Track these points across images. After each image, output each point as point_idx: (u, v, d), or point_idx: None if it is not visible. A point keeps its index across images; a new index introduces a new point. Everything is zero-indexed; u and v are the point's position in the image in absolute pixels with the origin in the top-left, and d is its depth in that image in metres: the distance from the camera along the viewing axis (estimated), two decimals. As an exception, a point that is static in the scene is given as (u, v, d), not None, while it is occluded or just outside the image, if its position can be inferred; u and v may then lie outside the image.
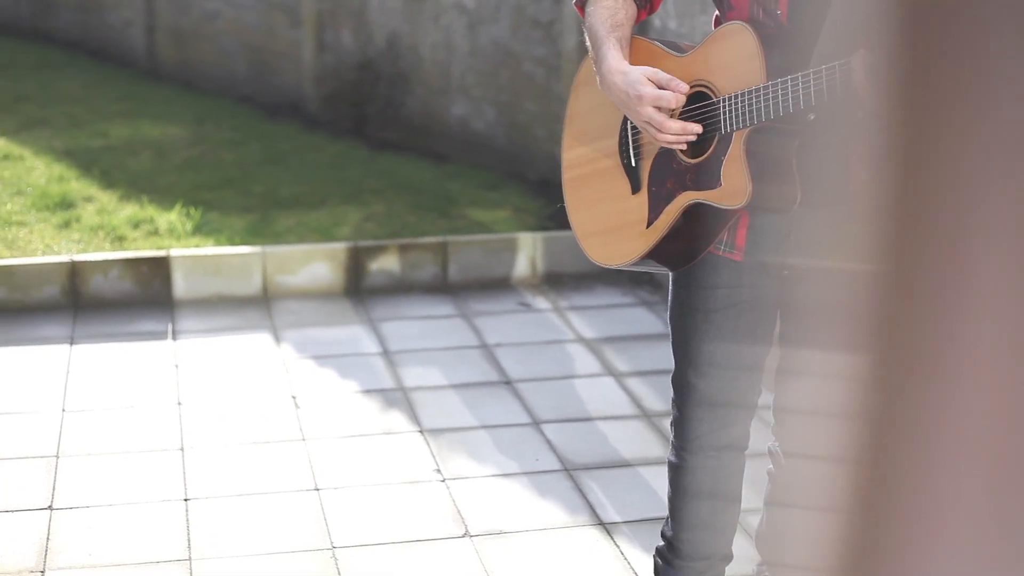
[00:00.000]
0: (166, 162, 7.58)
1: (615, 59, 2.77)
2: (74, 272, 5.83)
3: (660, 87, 2.71)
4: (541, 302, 5.95)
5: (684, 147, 2.75)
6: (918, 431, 0.80)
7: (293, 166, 7.52)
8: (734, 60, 2.67)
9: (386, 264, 6.05)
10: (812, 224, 2.72)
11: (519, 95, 7.44)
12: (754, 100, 2.60)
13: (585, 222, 3.04)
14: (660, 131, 2.71)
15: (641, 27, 6.35)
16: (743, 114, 2.62)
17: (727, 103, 2.66)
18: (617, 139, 2.96)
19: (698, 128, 2.70)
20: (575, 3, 2.96)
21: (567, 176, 3.10)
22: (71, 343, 5.44)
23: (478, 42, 7.74)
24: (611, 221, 2.97)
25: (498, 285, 6.12)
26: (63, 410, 4.81)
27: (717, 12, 2.85)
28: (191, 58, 10.44)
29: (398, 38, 8.35)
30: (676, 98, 2.69)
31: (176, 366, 5.22)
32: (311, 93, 9.02)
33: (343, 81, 8.70)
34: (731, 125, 2.65)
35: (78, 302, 5.82)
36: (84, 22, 12.01)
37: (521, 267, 6.16)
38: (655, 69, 2.74)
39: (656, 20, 6.36)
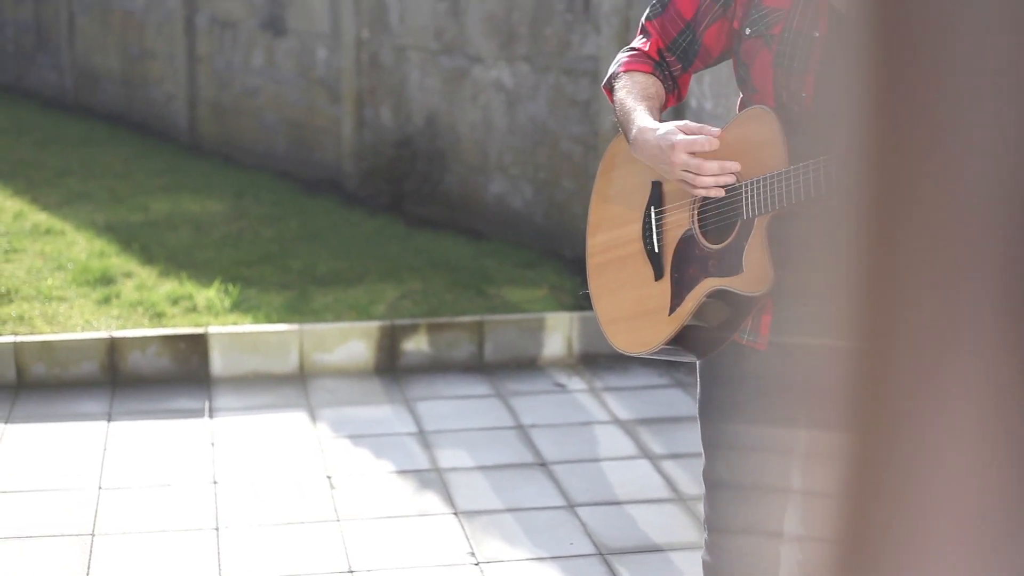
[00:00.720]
0: (205, 237, 7.65)
1: (645, 120, 2.78)
2: (113, 348, 5.87)
3: (691, 133, 2.72)
4: (576, 382, 5.94)
5: (722, 193, 2.73)
6: (900, 505, 0.80)
7: (331, 242, 7.57)
8: (756, 145, 2.68)
9: (422, 343, 6.07)
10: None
11: (557, 173, 7.48)
12: (775, 185, 2.60)
13: (608, 309, 3.04)
14: (698, 174, 2.69)
15: (677, 108, 6.38)
16: (765, 199, 2.62)
17: (749, 188, 2.66)
18: (640, 225, 2.96)
19: (736, 166, 2.68)
20: (603, 85, 2.98)
21: (591, 262, 3.11)
22: (109, 419, 5.47)
23: (516, 120, 7.79)
24: (634, 308, 2.96)
25: (533, 365, 6.13)
26: (99, 487, 4.83)
27: (742, 95, 2.87)
28: (232, 133, 10.55)
29: (437, 116, 8.42)
30: (710, 141, 2.68)
31: (212, 444, 5.24)
32: (350, 169, 9.09)
33: (382, 158, 8.76)
34: (753, 210, 2.65)
35: (116, 378, 5.86)
36: (127, 96, 12.17)
37: (556, 347, 6.17)
38: (685, 120, 2.76)
39: (692, 100, 6.39)
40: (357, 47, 9.00)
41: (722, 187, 2.71)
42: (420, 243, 7.62)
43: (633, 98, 2.85)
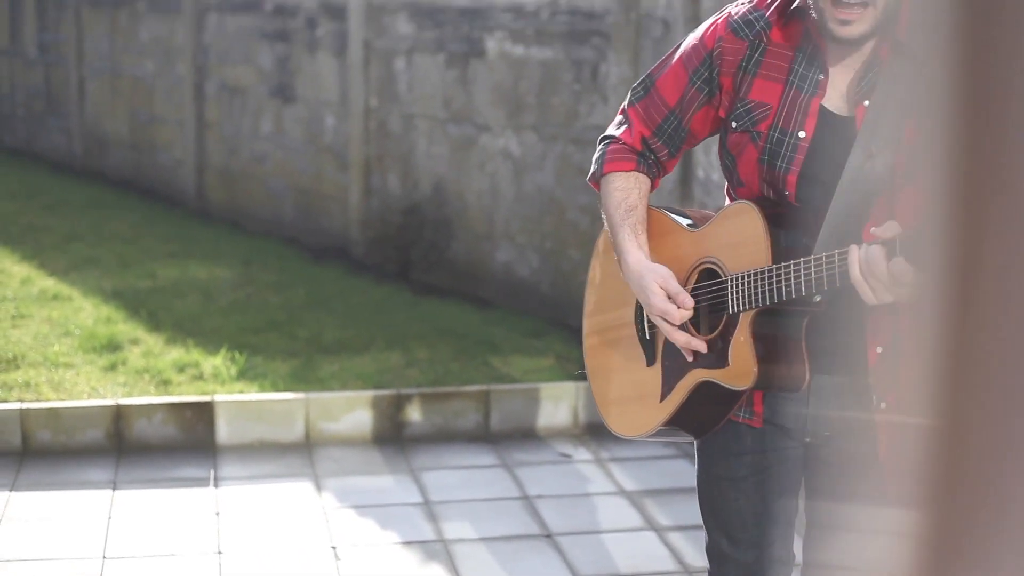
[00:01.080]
0: (213, 304, 7.66)
1: (632, 253, 2.83)
2: (119, 416, 5.86)
3: (669, 295, 2.74)
4: (582, 452, 5.93)
5: (690, 356, 2.79)
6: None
7: (338, 310, 7.58)
8: (741, 240, 2.70)
9: (428, 412, 6.06)
10: (831, 389, 2.72)
11: (564, 242, 7.50)
12: (759, 283, 2.62)
13: (604, 390, 3.06)
14: (668, 335, 2.78)
15: (684, 175, 6.41)
16: (749, 296, 2.64)
17: (734, 283, 2.68)
18: (633, 309, 2.97)
19: (702, 346, 2.74)
20: (589, 179, 2.99)
21: (587, 342, 3.12)
22: (114, 488, 5.45)
23: (523, 189, 7.82)
24: (627, 391, 2.98)
25: (540, 434, 6.12)
26: (104, 557, 4.81)
27: (728, 183, 2.87)
28: (240, 199, 10.60)
29: (444, 184, 8.45)
30: (680, 315, 2.74)
31: (217, 513, 5.22)
32: (357, 236, 9.12)
33: (389, 225, 8.78)
34: (738, 306, 2.67)
35: (122, 446, 5.85)
36: (136, 161, 12.23)
37: (563, 417, 6.16)
38: (669, 276, 2.77)
39: (700, 171, 6.41)
40: (365, 115, 9.05)
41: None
42: (427, 311, 7.62)
43: (618, 214, 2.87)
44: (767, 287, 2.59)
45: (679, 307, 2.73)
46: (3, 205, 10.80)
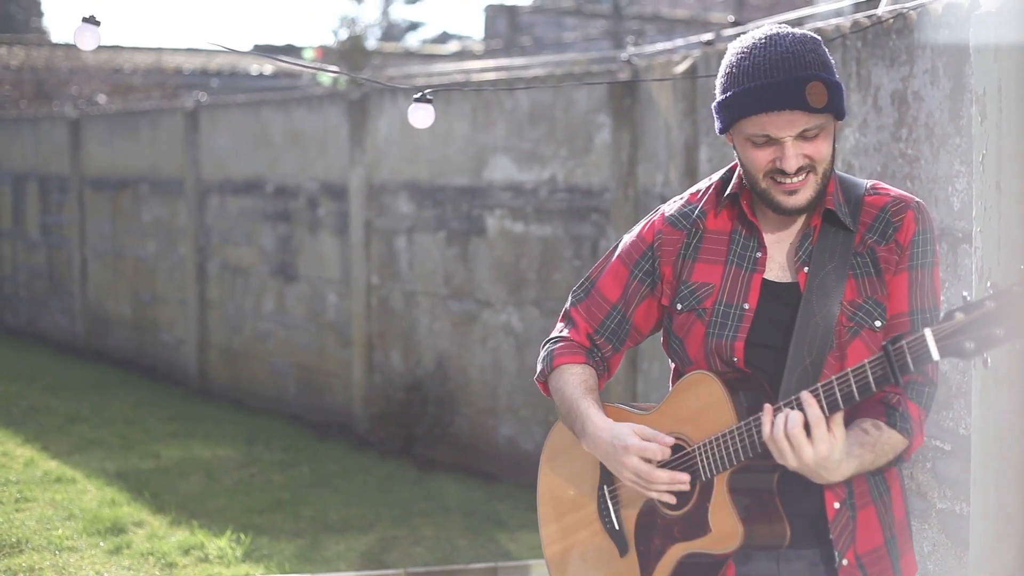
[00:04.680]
0: (217, 484, 7.64)
1: (598, 416, 2.84)
2: (124, 600, 5.81)
3: (645, 439, 2.76)
4: (592, 628, 5.86)
5: (672, 499, 2.77)
6: None
7: (343, 488, 7.56)
8: (702, 408, 2.74)
9: (436, 590, 6.01)
10: (798, 565, 2.75)
11: (553, 426, 7.50)
12: (730, 442, 2.65)
13: None
14: (648, 481, 2.75)
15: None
16: (720, 458, 2.67)
17: (703, 450, 2.71)
18: (596, 506, 2.96)
19: (686, 477, 2.73)
20: (536, 378, 3.03)
21: (549, 552, 3.08)
22: (119, 674, 5.39)
23: (525, 363, 7.85)
24: None
25: (548, 611, 6.05)
26: None
27: (675, 364, 2.92)
28: (242, 377, 10.63)
29: (447, 359, 8.49)
30: (661, 450, 2.74)
31: None
32: (360, 413, 9.13)
33: (392, 401, 8.80)
34: (711, 471, 2.69)
35: (127, 631, 5.79)
36: (138, 341, 12.29)
37: (572, 592, 6.10)
38: (640, 424, 2.79)
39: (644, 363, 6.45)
40: (367, 292, 9.14)
41: (673, 489, 2.74)
42: (431, 487, 7.60)
43: (578, 392, 2.90)
44: (739, 444, 2.64)
45: (659, 444, 2.74)
46: (5, 387, 10.82)
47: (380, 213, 9.07)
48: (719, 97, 2.71)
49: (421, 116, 3.80)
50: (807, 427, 2.51)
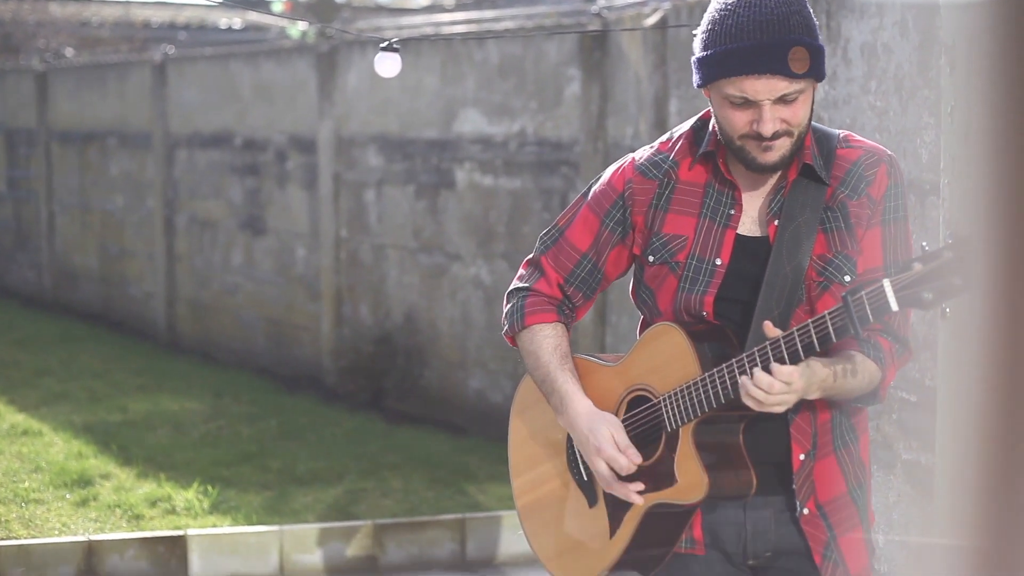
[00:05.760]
0: (184, 437, 7.62)
1: (579, 399, 2.84)
2: (91, 552, 5.80)
3: (619, 447, 2.76)
4: (560, 580, 5.88)
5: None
6: None
7: (311, 441, 7.56)
8: (667, 359, 2.74)
9: (404, 542, 6.02)
10: (764, 513, 2.77)
11: (523, 378, 7.51)
12: (694, 394, 2.66)
13: (547, 545, 3.02)
14: (607, 487, 2.80)
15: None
16: (685, 409, 2.68)
17: (668, 401, 2.72)
18: (565, 457, 2.97)
19: (639, 499, 2.76)
20: (504, 333, 3.01)
21: (520, 503, 3.08)
22: (86, 626, 5.38)
23: (495, 316, 7.85)
24: (573, 538, 2.96)
25: (517, 562, 6.07)
26: None
27: (643, 316, 2.92)
28: (211, 331, 10.60)
29: (416, 312, 8.48)
30: (629, 467, 2.76)
31: (191, 649, 5.16)
32: (329, 366, 9.12)
33: (361, 354, 8.80)
34: (676, 421, 2.71)
35: (94, 582, 5.78)
36: (106, 295, 12.24)
37: (539, 544, 6.11)
38: (620, 429, 2.79)
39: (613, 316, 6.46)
40: (336, 245, 9.11)
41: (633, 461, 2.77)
42: (400, 440, 7.60)
43: (554, 361, 2.88)
44: (703, 395, 2.65)
45: (628, 460, 2.76)
46: (-28, 341, 10.78)
47: (349, 166, 9.03)
48: (699, 53, 2.68)
49: (388, 65, 3.77)
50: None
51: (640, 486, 2.76)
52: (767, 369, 2.53)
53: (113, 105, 12.07)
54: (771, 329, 2.54)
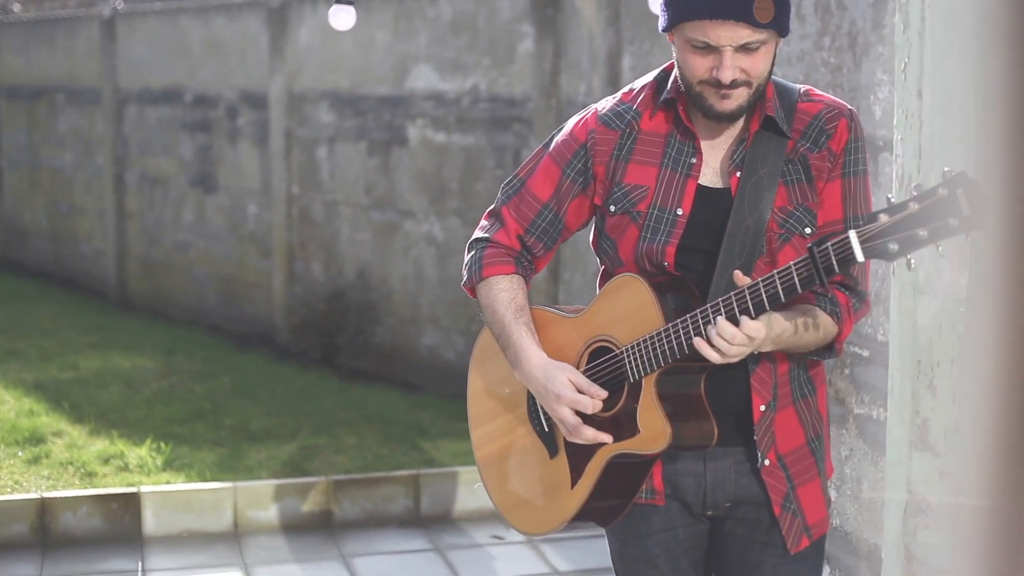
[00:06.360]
0: (136, 395, 7.59)
1: (532, 350, 2.84)
2: (43, 509, 5.78)
3: (579, 390, 2.77)
4: (514, 534, 5.92)
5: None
6: None
7: (264, 398, 7.54)
8: (630, 310, 2.75)
9: (358, 498, 6.03)
10: (724, 464, 2.80)
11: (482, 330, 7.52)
12: (656, 345, 2.67)
13: (507, 496, 3.04)
14: (573, 434, 2.78)
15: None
16: (648, 360, 2.69)
17: (631, 352, 2.72)
18: (526, 408, 2.98)
19: (608, 438, 2.76)
20: (463, 284, 3.00)
21: (479, 454, 3.09)
22: (39, 583, 5.37)
23: (448, 273, 7.85)
24: (533, 489, 2.97)
25: (471, 517, 6.10)
26: (30, 654, 4.73)
27: (604, 266, 2.93)
28: (162, 288, 10.54)
29: (368, 269, 8.47)
30: (593, 404, 2.76)
31: (146, 606, 5.16)
32: (281, 323, 9.10)
33: (313, 311, 8.78)
34: (638, 372, 2.72)
35: (47, 540, 5.76)
36: (56, 252, 12.14)
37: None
38: (576, 372, 2.80)
39: (566, 273, 6.48)
40: (288, 202, 9.07)
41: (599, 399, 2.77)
42: (353, 397, 7.60)
43: (509, 313, 2.88)
44: (666, 345, 2.66)
45: (592, 397, 2.76)
46: (-80, 299, 10.68)
47: (301, 123, 8.98)
48: None
49: (342, 18, 3.76)
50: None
51: (608, 436, 2.76)
52: (732, 319, 2.55)
53: (62, 61, 11.95)
54: (741, 278, 2.55)
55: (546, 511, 2.93)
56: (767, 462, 2.79)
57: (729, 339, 2.54)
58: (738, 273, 2.57)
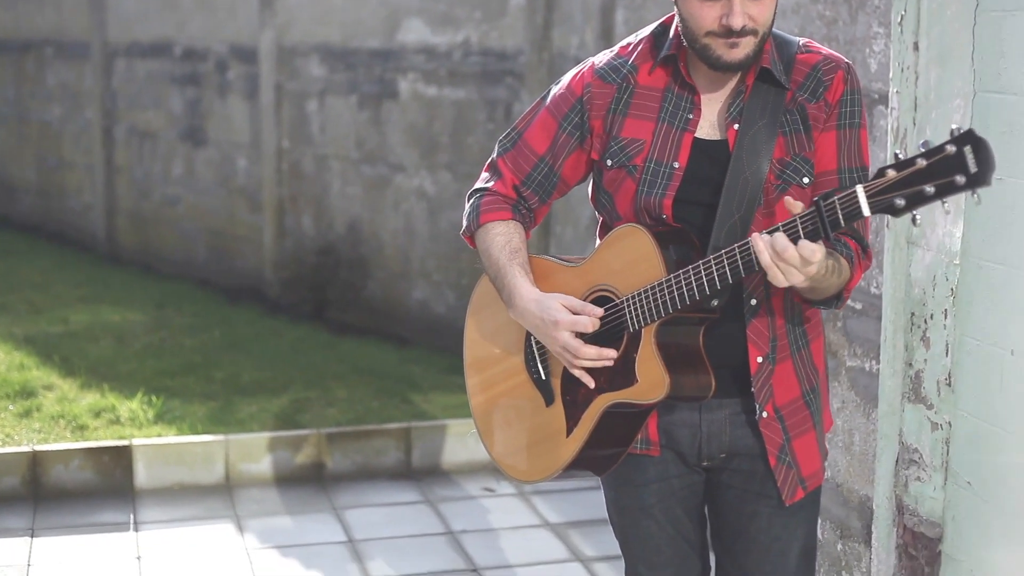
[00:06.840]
0: (127, 348, 7.59)
1: (526, 287, 2.85)
2: (35, 462, 5.79)
3: (574, 313, 2.77)
4: (505, 486, 5.94)
5: (591, 382, 2.80)
6: None
7: (254, 351, 7.55)
8: (631, 260, 2.75)
9: (349, 451, 6.05)
10: (719, 415, 2.81)
11: (479, 279, 7.52)
12: (659, 294, 2.68)
13: (501, 444, 3.05)
14: (576, 356, 2.77)
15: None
16: (649, 310, 2.70)
17: (631, 302, 2.73)
18: (523, 356, 2.98)
19: (613, 353, 2.76)
20: (462, 233, 3.03)
21: (474, 401, 3.11)
22: (32, 535, 5.38)
23: (438, 227, 7.85)
24: (529, 437, 2.98)
25: (462, 470, 6.12)
26: (23, 605, 4.75)
27: (602, 218, 2.94)
28: (151, 242, 10.52)
29: (359, 223, 8.46)
30: (592, 322, 2.76)
31: (138, 558, 5.17)
32: (271, 277, 9.09)
33: (304, 265, 8.77)
34: (639, 322, 2.72)
35: (39, 493, 5.77)
36: (44, 207, 12.10)
37: (484, 451, 6.15)
38: (569, 296, 2.81)
39: (557, 227, 6.47)
40: (278, 156, 9.04)
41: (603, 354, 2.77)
42: (344, 351, 7.61)
43: (504, 255, 2.90)
44: (668, 296, 2.66)
45: (589, 316, 2.76)
46: (-92, 253, 10.65)
47: (291, 76, 8.95)
48: None
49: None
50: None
51: (612, 352, 2.76)
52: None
53: (50, 14, 11.87)
54: (794, 204, 2.50)
55: (541, 459, 2.94)
56: (765, 414, 2.81)
57: (780, 251, 2.47)
58: (788, 199, 2.51)
